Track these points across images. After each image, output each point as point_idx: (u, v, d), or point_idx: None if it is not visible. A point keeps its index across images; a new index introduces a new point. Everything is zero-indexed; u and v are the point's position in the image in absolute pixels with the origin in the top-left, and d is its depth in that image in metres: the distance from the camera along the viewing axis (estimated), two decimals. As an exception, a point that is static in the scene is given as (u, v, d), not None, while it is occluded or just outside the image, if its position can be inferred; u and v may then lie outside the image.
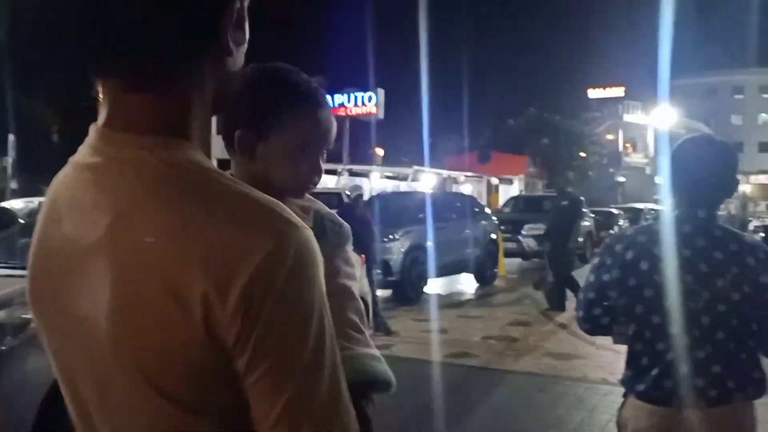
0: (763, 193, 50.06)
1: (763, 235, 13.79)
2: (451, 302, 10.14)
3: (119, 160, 0.70)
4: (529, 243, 14.82)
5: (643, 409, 1.81)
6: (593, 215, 18.52)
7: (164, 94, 0.71)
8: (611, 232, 20.19)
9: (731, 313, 1.76)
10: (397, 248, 9.60)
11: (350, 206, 7.29)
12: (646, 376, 1.81)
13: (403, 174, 24.16)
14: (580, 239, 16.80)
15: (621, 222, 21.38)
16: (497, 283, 12.15)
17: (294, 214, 0.69)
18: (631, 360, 1.88)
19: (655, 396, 1.80)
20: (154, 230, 0.66)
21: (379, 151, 44.73)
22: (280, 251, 0.65)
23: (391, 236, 9.68)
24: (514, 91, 52.18)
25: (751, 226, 14.49)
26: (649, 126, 50.50)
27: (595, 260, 1.96)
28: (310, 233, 0.69)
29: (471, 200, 13.48)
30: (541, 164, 35.50)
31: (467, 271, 11.68)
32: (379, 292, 10.25)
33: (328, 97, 1.29)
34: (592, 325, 1.96)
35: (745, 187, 51.31)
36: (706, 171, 1.83)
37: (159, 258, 0.65)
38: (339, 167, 24.75)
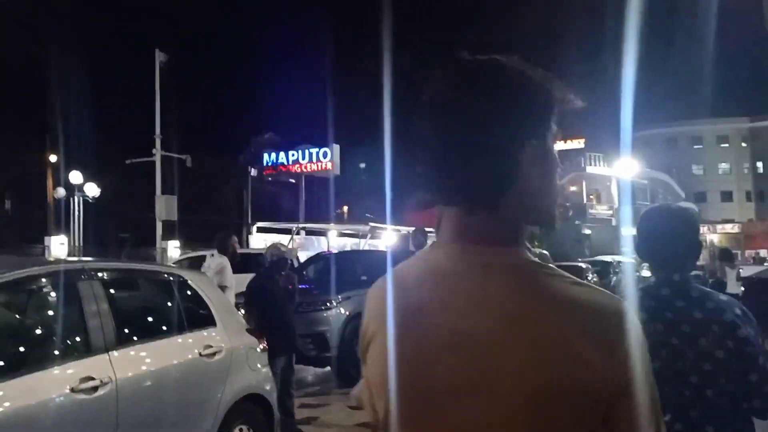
0: (729, 242, 49.96)
1: (742, 289, 12.84)
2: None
3: (483, 266, 0.92)
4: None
5: None
6: (561, 270, 17.35)
7: (496, 213, 0.94)
8: (581, 287, 19.03)
9: (717, 371, 1.84)
10: (335, 317, 8.20)
11: (265, 274, 5.87)
12: None
13: (361, 231, 22.89)
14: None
15: (590, 277, 20.26)
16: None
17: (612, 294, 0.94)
18: None
19: None
20: (537, 321, 0.87)
21: (345, 209, 43.81)
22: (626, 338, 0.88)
23: (327, 303, 8.31)
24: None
25: (732, 276, 13.37)
26: (613, 177, 50.53)
27: None
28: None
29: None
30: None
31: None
32: (311, 374, 8.83)
33: (281, 155, 0.47)
34: None
35: (712, 237, 51.29)
36: (674, 239, 1.95)
37: (554, 342, 0.86)
38: (294, 226, 23.44)
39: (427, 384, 0.90)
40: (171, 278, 3.84)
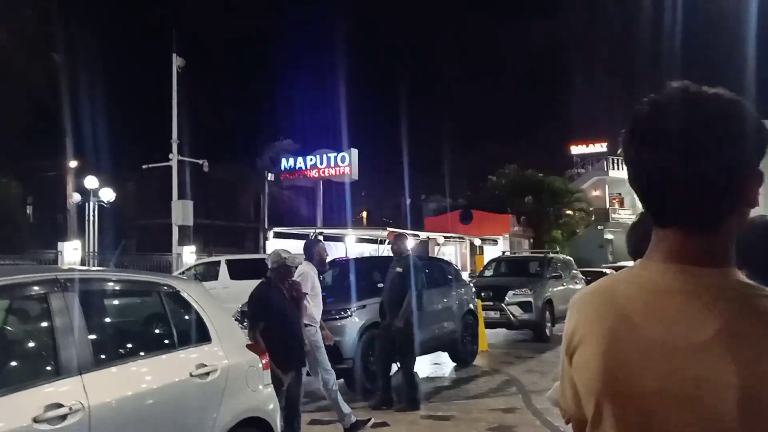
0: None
1: None
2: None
3: (701, 286, 0.98)
4: (514, 311, 13.06)
5: None
6: (584, 277, 16.76)
7: (715, 235, 1.00)
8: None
9: None
10: (350, 327, 7.79)
11: (268, 282, 5.44)
12: None
13: (380, 237, 22.46)
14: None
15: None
16: (478, 362, 10.28)
17: None
18: None
19: None
20: (751, 337, 0.93)
21: (364, 214, 43.45)
22: None
23: (342, 312, 7.90)
24: (496, 149, 51.40)
25: None
26: (635, 181, 49.54)
27: None
28: None
29: (444, 264, 11.73)
30: (526, 223, 34.03)
31: (442, 350, 9.85)
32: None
33: (299, 159, 0.52)
34: None
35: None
36: None
37: None
38: (311, 231, 23.10)
39: (639, 389, 0.99)
40: (160, 289, 3.44)
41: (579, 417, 1.10)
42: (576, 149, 55.59)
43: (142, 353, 3.19)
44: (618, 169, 50.48)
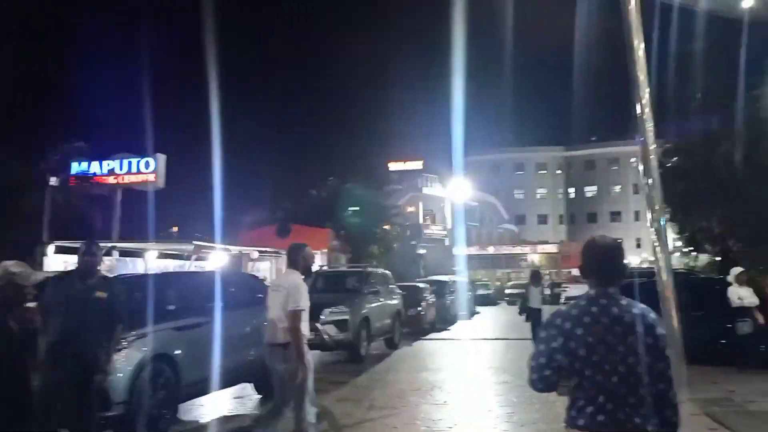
0: (547, 261, 53.37)
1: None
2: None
3: None
4: (330, 331, 12.14)
5: None
6: (401, 291, 16.41)
7: None
8: (419, 309, 18.35)
9: (638, 363, 2.45)
10: (122, 362, 6.24)
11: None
12: (584, 414, 2.47)
13: (186, 251, 20.44)
14: (387, 321, 14.59)
15: (427, 297, 19.67)
16: (287, 391, 9.15)
17: None
18: (573, 404, 2.53)
19: (591, 426, 2.45)
20: None
21: (175, 229, 40.18)
22: None
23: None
24: (316, 163, 50.93)
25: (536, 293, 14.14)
26: (446, 198, 51.94)
27: (543, 333, 2.59)
28: None
29: (253, 281, 10.47)
30: (344, 237, 33.65)
31: (246, 381, 8.58)
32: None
33: (94, 164, 0.48)
34: (545, 383, 2.58)
35: (532, 257, 54.39)
36: (611, 262, 2.62)
37: None
38: (105, 245, 20.39)
39: None
40: None
41: None
42: (394, 166, 57.00)
43: None
44: (431, 186, 52.68)
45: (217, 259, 21.52)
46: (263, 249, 24.23)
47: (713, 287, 12.05)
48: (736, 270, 10.75)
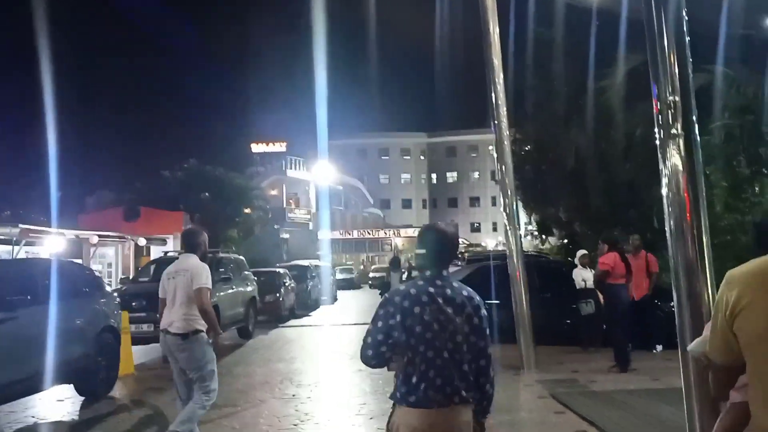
0: (411, 245, 54.46)
1: None
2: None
3: None
4: (174, 321, 11.17)
5: (413, 413, 2.58)
6: (256, 278, 15.62)
7: None
8: (277, 295, 17.69)
9: (464, 342, 2.64)
10: None
11: None
12: (416, 390, 2.59)
13: (10, 236, 18.14)
14: (240, 309, 13.77)
15: (287, 282, 19.02)
16: (118, 392, 8.19)
17: None
18: (405, 380, 2.62)
19: (422, 403, 2.58)
20: None
21: (8, 213, 35.97)
22: None
23: None
24: (175, 144, 48.13)
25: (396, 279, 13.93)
26: (311, 182, 51.23)
27: (381, 311, 2.67)
28: None
29: (78, 270, 9.26)
30: (200, 221, 31.93)
31: (65, 382, 7.51)
32: None
33: None
34: (378, 360, 2.67)
35: (396, 240, 55.27)
36: (448, 247, 2.77)
37: None
38: None
39: None
40: None
41: (728, 364, 1.61)
42: (257, 148, 55.26)
43: None
44: (295, 169, 51.62)
45: (52, 244, 19.39)
46: (105, 234, 22.22)
47: (560, 269, 12.53)
48: (580, 252, 11.17)
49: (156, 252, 25.82)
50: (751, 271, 1.53)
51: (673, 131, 4.01)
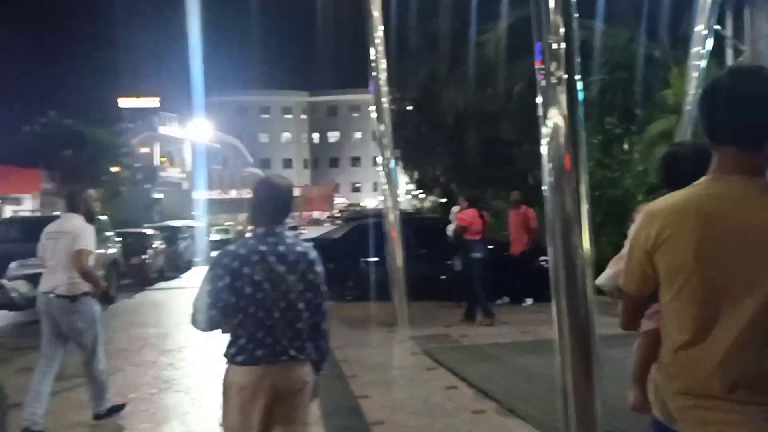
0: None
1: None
2: None
3: (763, 189, 1.55)
4: (20, 287, 10.09)
5: (241, 371, 2.58)
6: (120, 239, 14.50)
7: (759, 153, 1.55)
8: (144, 257, 16.63)
9: (298, 300, 2.62)
10: None
11: None
12: (244, 350, 2.57)
13: None
14: (99, 272, 12.69)
15: (156, 244, 17.91)
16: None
17: None
18: (235, 341, 2.61)
19: (250, 361, 2.57)
20: None
21: None
22: None
23: None
24: (29, 95, 43.67)
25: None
26: (186, 140, 48.76)
27: (210, 273, 2.59)
28: None
29: None
30: (61, 180, 29.42)
31: None
32: None
33: None
34: (209, 323, 2.59)
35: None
36: (281, 202, 2.70)
37: None
38: None
39: (722, 282, 1.51)
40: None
41: (639, 295, 1.71)
42: (125, 102, 51.55)
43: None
44: (169, 126, 48.83)
45: None
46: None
47: (437, 226, 12.60)
48: (456, 209, 11.25)
49: (10, 212, 23.52)
50: (669, 206, 1.62)
51: (554, 79, 3.84)
